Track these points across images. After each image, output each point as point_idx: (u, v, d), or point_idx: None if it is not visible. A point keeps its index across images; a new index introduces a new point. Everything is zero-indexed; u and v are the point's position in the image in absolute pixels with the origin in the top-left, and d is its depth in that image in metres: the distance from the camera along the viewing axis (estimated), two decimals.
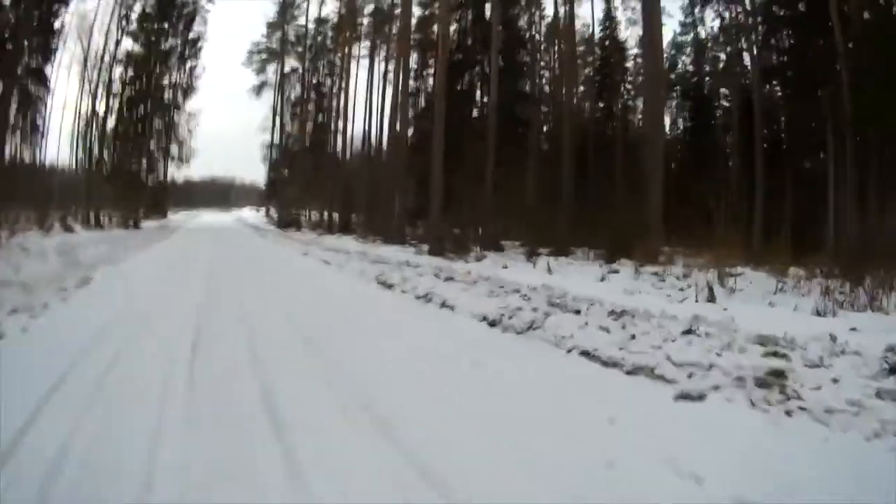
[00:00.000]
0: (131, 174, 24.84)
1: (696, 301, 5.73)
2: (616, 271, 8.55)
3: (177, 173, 28.30)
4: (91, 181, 22.99)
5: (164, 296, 5.96)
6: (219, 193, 67.48)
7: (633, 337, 3.82)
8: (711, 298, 5.80)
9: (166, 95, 25.88)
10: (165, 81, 25.51)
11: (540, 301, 5.24)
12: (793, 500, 1.90)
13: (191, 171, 69.17)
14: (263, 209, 37.95)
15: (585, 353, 3.72)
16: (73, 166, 23.92)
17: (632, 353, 3.52)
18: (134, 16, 23.27)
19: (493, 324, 4.78)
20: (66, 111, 29.07)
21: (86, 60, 21.79)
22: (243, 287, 6.88)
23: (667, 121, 18.91)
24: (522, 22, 20.16)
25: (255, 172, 49.46)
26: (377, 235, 16.92)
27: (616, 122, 20.36)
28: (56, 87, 21.29)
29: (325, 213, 25.58)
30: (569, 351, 3.83)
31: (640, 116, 20.20)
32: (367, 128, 24.41)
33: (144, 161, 25.62)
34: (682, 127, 20.69)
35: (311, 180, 26.40)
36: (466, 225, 12.54)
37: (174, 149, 26.84)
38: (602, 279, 7.88)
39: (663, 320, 4.28)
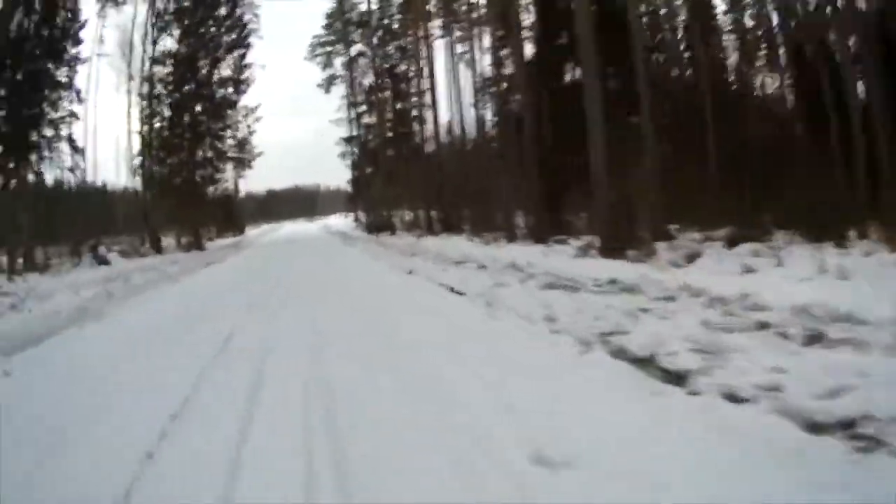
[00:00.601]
0: (187, 186, 21.63)
1: None
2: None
3: (247, 183, 26.35)
4: (144, 200, 21.15)
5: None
6: (304, 202, 68.16)
7: None
8: None
9: (219, 93, 23.15)
10: (215, 78, 22.83)
11: None
12: None
13: (272, 182, 73.00)
14: (351, 214, 35.63)
15: None
16: (125, 186, 22.58)
17: None
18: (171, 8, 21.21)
19: None
20: (109, 126, 28.26)
21: (129, 65, 20.54)
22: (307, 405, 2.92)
23: None
24: None
25: (339, 177, 49.37)
26: (493, 233, 14.04)
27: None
28: (89, 101, 19.02)
29: (421, 212, 22.57)
30: None
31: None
32: (454, 112, 21.69)
33: (201, 171, 22.68)
34: None
35: (396, 175, 23.76)
36: (627, 210, 9.22)
37: (235, 150, 24.25)
38: None
39: None
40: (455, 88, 21.72)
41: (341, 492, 1.93)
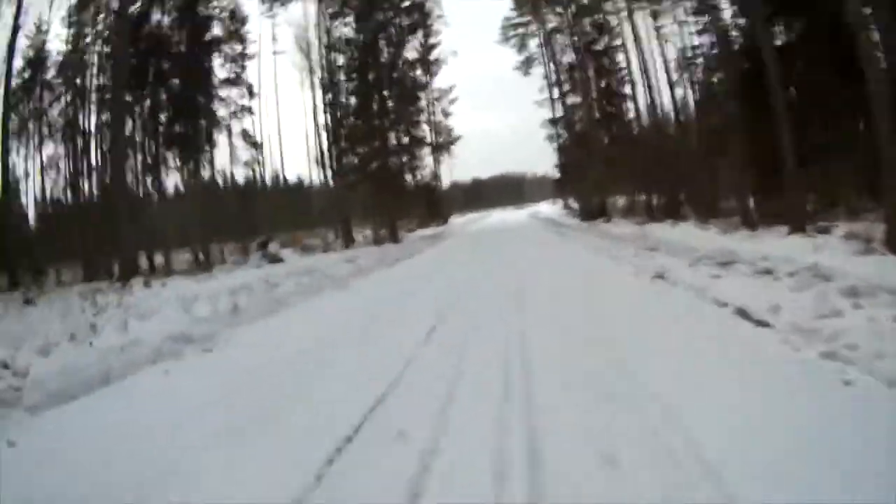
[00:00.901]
0: (381, 175, 20.38)
1: None
2: None
3: (452, 172, 25.39)
4: (335, 193, 20.97)
5: None
6: (510, 190, 67.68)
7: None
8: None
9: (407, 77, 22.24)
10: (400, 62, 21.99)
11: None
12: None
13: (478, 171, 75.89)
14: (560, 201, 33.56)
15: None
16: (321, 180, 22.76)
17: None
18: None
19: None
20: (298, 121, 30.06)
21: (308, 58, 20.71)
22: None
23: None
24: None
25: (545, 163, 50.67)
26: (719, 219, 11.93)
27: None
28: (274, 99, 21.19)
29: (636, 197, 20.04)
30: None
31: None
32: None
33: (396, 159, 21.57)
34: None
35: (607, 157, 21.22)
36: None
37: (431, 135, 23.30)
38: None
39: None
40: (659, 63, 19.38)
41: None
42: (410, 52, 22.07)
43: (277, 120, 27.39)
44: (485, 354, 3.91)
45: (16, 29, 15.58)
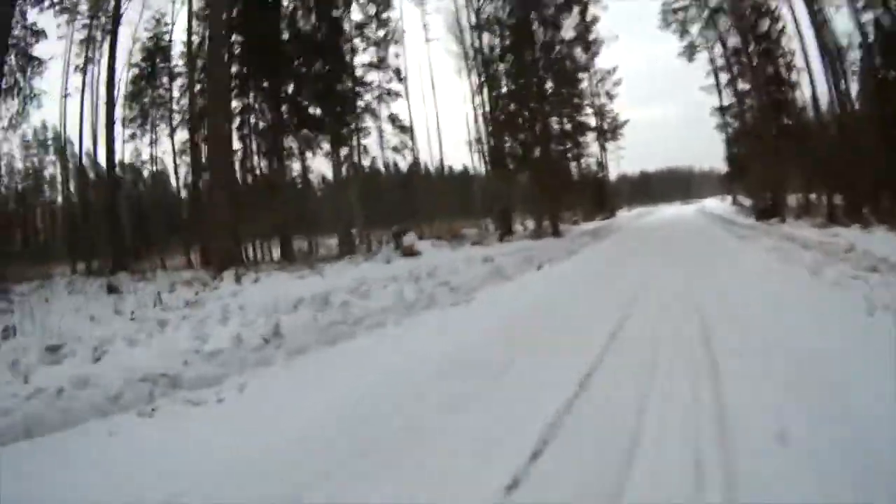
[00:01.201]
0: (542, 164, 18.65)
1: None
2: None
3: (619, 165, 24.18)
4: (492, 182, 19.93)
5: None
6: (677, 184, 64.76)
7: None
8: None
9: (568, 56, 20.27)
10: (557, 40, 19.74)
11: None
12: None
13: (645, 164, 70.36)
14: (729, 196, 30.82)
15: None
16: (476, 169, 22.36)
17: None
18: None
19: None
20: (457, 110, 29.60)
21: (461, 44, 20.10)
22: None
23: None
24: None
25: (712, 157, 51.60)
26: None
27: None
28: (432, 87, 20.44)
29: (814, 196, 17.63)
30: None
31: None
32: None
33: (557, 146, 19.78)
34: None
35: (779, 150, 18.56)
36: None
37: (595, 119, 21.58)
38: None
39: None
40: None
41: None
42: (567, 32, 20.43)
43: (435, 107, 27.54)
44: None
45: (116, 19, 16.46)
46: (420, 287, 7.15)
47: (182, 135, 18.00)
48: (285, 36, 17.29)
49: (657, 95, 77.49)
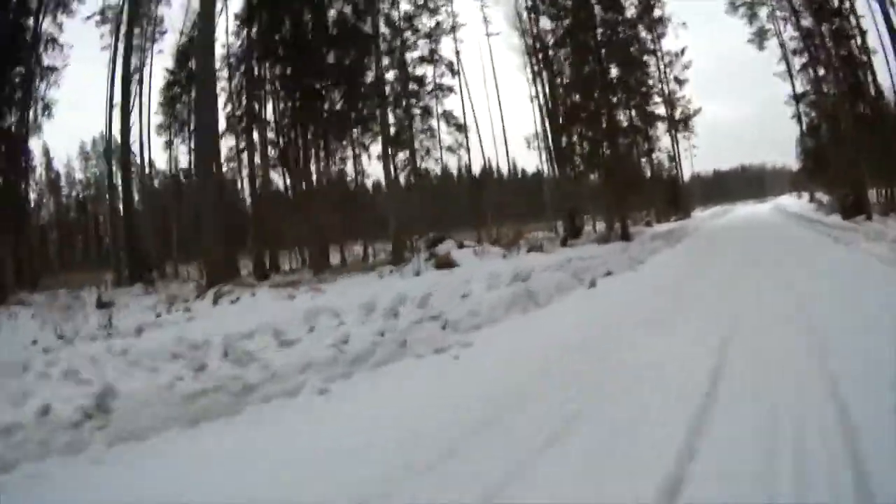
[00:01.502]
0: (613, 160, 16.57)
1: None
2: None
3: (692, 164, 22.12)
4: (559, 183, 18.74)
5: None
6: (750, 182, 63.81)
7: None
8: None
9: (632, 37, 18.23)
10: (619, 19, 17.44)
11: None
12: None
13: (718, 163, 69.32)
14: (806, 194, 28.75)
15: None
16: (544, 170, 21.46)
17: None
18: None
19: None
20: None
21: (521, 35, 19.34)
22: None
23: None
24: None
25: (784, 155, 49.55)
26: None
27: None
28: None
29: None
30: None
31: None
32: None
33: (625, 139, 17.56)
34: None
35: (860, 141, 16.39)
36: None
37: (664, 108, 19.64)
38: None
39: None
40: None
41: None
42: (629, 11, 18.35)
43: (500, 108, 27.58)
44: None
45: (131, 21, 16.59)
46: (395, 324, 5.01)
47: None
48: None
49: (724, 92, 72.13)
